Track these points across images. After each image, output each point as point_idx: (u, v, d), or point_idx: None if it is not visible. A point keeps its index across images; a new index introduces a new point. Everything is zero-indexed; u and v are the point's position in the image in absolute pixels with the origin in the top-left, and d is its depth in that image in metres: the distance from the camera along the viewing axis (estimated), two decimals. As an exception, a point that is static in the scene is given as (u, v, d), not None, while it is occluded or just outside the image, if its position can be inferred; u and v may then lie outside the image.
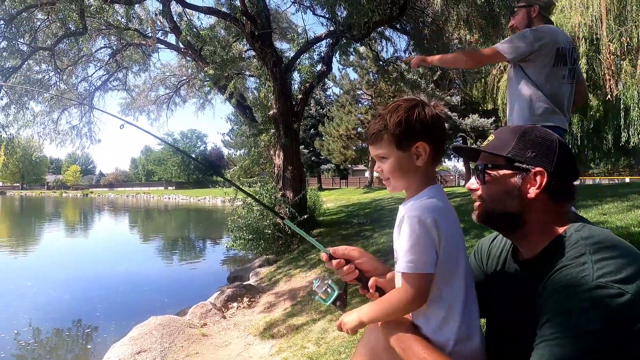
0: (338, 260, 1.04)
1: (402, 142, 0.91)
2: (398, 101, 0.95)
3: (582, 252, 0.78)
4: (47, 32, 7.43)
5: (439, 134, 0.93)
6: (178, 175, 61.22)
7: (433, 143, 0.92)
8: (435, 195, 0.93)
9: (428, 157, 0.92)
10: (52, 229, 16.28)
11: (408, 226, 0.88)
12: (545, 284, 0.80)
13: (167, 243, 11.82)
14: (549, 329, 0.74)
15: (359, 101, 24.89)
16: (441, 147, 0.95)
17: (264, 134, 7.36)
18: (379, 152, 0.95)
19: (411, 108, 0.92)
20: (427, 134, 0.91)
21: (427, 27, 7.52)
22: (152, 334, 3.20)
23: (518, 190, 0.88)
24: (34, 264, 8.59)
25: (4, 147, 9.31)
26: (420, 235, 0.86)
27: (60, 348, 4.11)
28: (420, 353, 0.86)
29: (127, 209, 27.67)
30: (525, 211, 0.89)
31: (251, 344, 3.11)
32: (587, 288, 0.72)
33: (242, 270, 6.40)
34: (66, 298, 5.62)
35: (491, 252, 1.08)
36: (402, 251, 0.89)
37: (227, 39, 8.32)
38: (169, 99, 11.73)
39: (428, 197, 0.91)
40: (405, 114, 0.91)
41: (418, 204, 0.91)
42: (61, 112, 10.04)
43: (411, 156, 0.92)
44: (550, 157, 0.87)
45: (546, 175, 0.86)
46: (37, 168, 69.71)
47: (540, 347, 0.74)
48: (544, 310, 0.76)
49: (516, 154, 0.89)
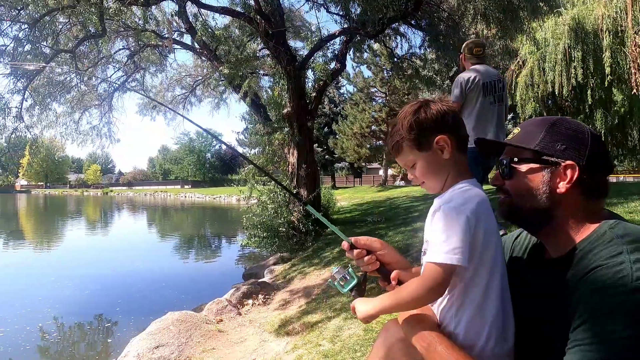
0: (359, 250, 1.03)
1: (421, 143, 0.93)
2: (403, 109, 0.98)
3: (619, 251, 0.73)
4: (68, 35, 7.65)
5: (453, 123, 0.94)
6: (194, 174, 62.26)
7: (451, 133, 0.92)
8: (473, 185, 0.92)
9: (452, 148, 0.92)
10: (74, 227, 16.81)
11: (444, 216, 0.85)
12: (578, 284, 0.75)
13: (184, 241, 12.03)
14: (582, 333, 0.70)
15: (373, 99, 24.72)
16: (461, 135, 0.95)
17: (278, 133, 7.40)
18: (406, 160, 0.98)
19: (417, 110, 0.94)
20: (441, 127, 0.92)
21: (443, 22, 7.38)
22: (169, 329, 3.25)
23: (547, 185, 0.84)
24: (57, 260, 8.89)
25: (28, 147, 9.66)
26: (457, 226, 0.83)
27: (83, 341, 4.24)
28: (443, 352, 0.82)
29: (145, 207, 28.30)
30: (554, 207, 0.84)
31: (266, 340, 3.13)
32: (626, 290, 0.67)
33: (257, 267, 6.45)
34: (87, 293, 5.79)
35: (514, 249, 1.04)
36: (436, 241, 0.85)
37: (241, 38, 8.39)
38: (185, 98, 11.92)
39: (465, 188, 0.90)
40: (414, 117, 0.93)
41: (455, 193, 0.90)
42: (82, 112, 10.33)
43: (435, 152, 0.93)
44: (582, 150, 0.82)
45: (577, 169, 0.81)
46: (60, 167, 72.04)
47: (573, 352, 0.70)
48: (577, 313, 0.72)
49: (544, 146, 0.85)
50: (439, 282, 0.84)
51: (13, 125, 7.96)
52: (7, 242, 11.87)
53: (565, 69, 9.99)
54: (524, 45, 10.46)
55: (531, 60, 10.77)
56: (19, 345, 3.90)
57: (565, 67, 9.97)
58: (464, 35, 7.46)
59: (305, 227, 6.52)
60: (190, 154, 62.35)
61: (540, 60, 10.52)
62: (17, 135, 8.37)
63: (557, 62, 9.99)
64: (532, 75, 10.89)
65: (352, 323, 2.92)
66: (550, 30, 9.91)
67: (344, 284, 1.02)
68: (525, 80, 11.03)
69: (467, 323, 0.87)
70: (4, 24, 6.64)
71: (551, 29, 9.90)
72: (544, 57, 10.31)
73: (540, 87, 10.81)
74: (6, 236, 13.41)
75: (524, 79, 11.07)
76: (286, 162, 7.68)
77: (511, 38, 7.37)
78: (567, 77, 10.02)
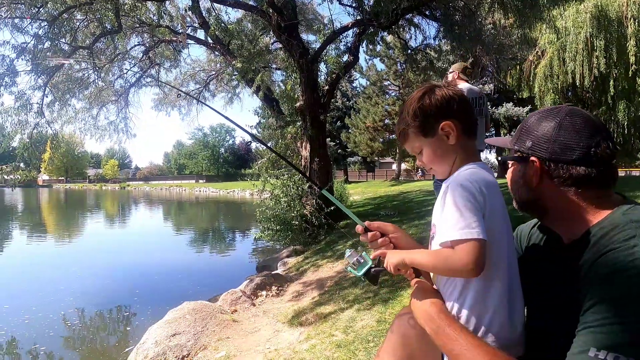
0: (373, 232, 1.03)
1: (426, 130, 0.94)
2: (410, 95, 0.98)
3: (632, 235, 0.72)
4: (85, 31, 7.81)
5: (459, 108, 0.93)
6: (208, 168, 63.08)
7: (456, 118, 0.92)
8: (480, 167, 0.92)
9: (458, 133, 0.92)
10: (94, 220, 17.31)
11: (453, 194, 0.85)
12: (590, 268, 0.74)
13: (199, 234, 12.24)
14: (593, 315, 0.70)
15: (386, 92, 24.45)
16: (467, 120, 0.95)
17: (291, 126, 7.41)
18: (413, 147, 0.99)
19: (421, 97, 0.94)
20: (445, 112, 0.92)
21: (459, 12, 7.21)
22: (185, 318, 3.33)
23: (522, 178, 0.91)
24: (78, 251, 9.18)
25: (49, 143, 9.95)
26: (466, 203, 0.83)
27: (103, 329, 4.39)
28: (452, 334, 0.83)
29: (161, 201, 28.87)
30: (540, 198, 0.89)
31: (280, 330, 3.17)
32: (638, 273, 0.67)
33: (271, 260, 6.52)
34: (107, 283, 5.97)
35: (532, 237, 1.04)
36: (451, 221, 0.83)
37: (254, 32, 8.40)
38: (199, 93, 12.03)
39: (472, 169, 0.91)
40: (418, 103, 0.94)
41: (462, 173, 0.90)
42: (100, 108, 10.56)
43: (441, 138, 0.93)
44: (546, 145, 0.86)
45: (539, 163, 0.86)
46: (79, 162, 74.03)
47: (583, 334, 0.70)
48: (588, 296, 0.72)
49: (518, 144, 0.92)
50: (477, 258, 0.80)
51: (34, 120, 8.21)
52: (32, 234, 12.32)
53: (586, 59, 9.66)
54: (543, 34, 10.14)
55: (551, 50, 10.45)
56: (44, 332, 4.07)
57: (586, 57, 9.64)
58: (481, 25, 7.28)
59: (317, 220, 6.54)
60: (205, 149, 63.16)
61: (560, 50, 10.19)
62: (38, 131, 8.63)
63: (578, 51, 9.66)
64: (551, 66, 10.57)
65: (365, 314, 2.93)
66: (572, 19, 9.57)
67: (357, 267, 1.01)
68: (545, 71, 10.71)
69: (469, 307, 0.87)
70: (25, 21, 6.83)
71: (572, 17, 9.57)
72: (564, 46, 9.99)
73: (560, 78, 10.48)
74: (31, 228, 13.92)
75: (543, 70, 10.75)
76: (299, 155, 7.70)
77: (530, 27, 7.15)
78: (589, 67, 9.69)
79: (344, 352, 2.41)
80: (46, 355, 3.62)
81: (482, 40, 7.24)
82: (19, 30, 6.80)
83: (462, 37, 7.03)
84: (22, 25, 6.82)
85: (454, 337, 0.82)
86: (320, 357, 2.44)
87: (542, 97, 11.19)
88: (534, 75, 11.23)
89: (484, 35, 7.33)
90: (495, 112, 18.29)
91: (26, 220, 17.38)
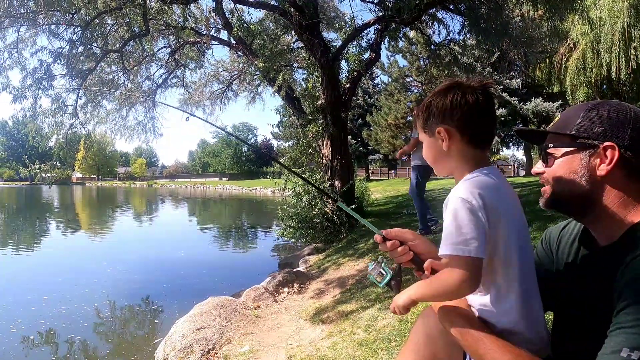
0: (392, 241, 1.03)
1: (427, 126, 0.95)
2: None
3: None
4: (115, 35, 8.13)
5: (465, 119, 0.89)
6: (231, 166, 64.35)
7: (456, 128, 0.90)
8: (485, 172, 0.89)
9: (454, 141, 0.90)
10: (124, 216, 18.05)
11: (452, 207, 0.84)
12: (626, 269, 0.72)
13: (223, 230, 12.52)
14: (626, 316, 0.68)
15: (409, 89, 24.08)
16: (473, 131, 0.90)
17: (312, 125, 7.43)
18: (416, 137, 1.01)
19: (436, 93, 0.93)
20: (445, 119, 0.90)
21: (484, 5, 6.99)
22: (211, 312, 3.43)
23: (585, 168, 0.82)
24: (110, 246, 9.61)
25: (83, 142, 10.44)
26: (465, 217, 0.81)
27: (133, 321, 4.58)
28: (475, 334, 0.83)
29: (187, 199, 29.69)
30: (596, 191, 0.81)
31: (302, 327, 3.20)
32: None
33: (292, 257, 6.58)
34: (136, 277, 6.21)
35: (562, 240, 1.00)
36: (446, 233, 0.84)
37: (275, 31, 8.47)
38: (222, 93, 12.29)
39: (472, 177, 0.88)
40: (431, 98, 0.93)
41: (463, 184, 0.88)
42: (129, 109, 10.98)
43: (437, 140, 0.93)
44: (624, 130, 0.78)
45: (617, 149, 0.78)
46: (110, 161, 77.32)
47: (615, 334, 0.68)
48: (623, 297, 0.70)
49: (581, 130, 0.83)
50: (469, 274, 0.81)
51: (69, 122, 8.63)
52: (67, 229, 13.00)
53: (623, 50, 9.14)
54: (576, 25, 9.67)
55: (584, 42, 9.95)
56: (78, 322, 4.29)
57: (623, 48, 9.12)
58: (508, 17, 7.03)
59: (339, 218, 6.55)
60: (228, 148, 64.48)
61: (594, 42, 9.69)
62: (72, 131, 9.06)
63: (614, 42, 9.16)
64: (584, 59, 10.07)
65: (386, 314, 2.92)
66: (607, 8, 9.08)
67: (380, 279, 1.05)
68: (577, 64, 10.23)
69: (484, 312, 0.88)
70: (60, 27, 7.19)
71: (607, 7, 9.07)
72: (598, 38, 9.49)
73: (594, 71, 9.98)
74: (67, 223, 14.68)
75: (575, 63, 10.27)
76: (320, 154, 7.71)
77: (561, 18, 6.83)
78: (626, 59, 9.16)
79: (365, 351, 2.41)
80: (81, 345, 3.82)
81: (510, 33, 6.99)
82: (55, 36, 7.17)
83: (488, 31, 6.80)
84: (57, 31, 7.19)
85: (478, 337, 0.82)
86: (342, 354, 2.46)
87: (574, 92, 10.69)
88: (565, 69, 10.75)
89: (511, 28, 7.08)
90: (523, 108, 17.65)
91: (63, 215, 18.34)
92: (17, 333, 4.00)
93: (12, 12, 6.49)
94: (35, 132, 8.57)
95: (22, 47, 7.23)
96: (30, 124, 8.49)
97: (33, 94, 7.45)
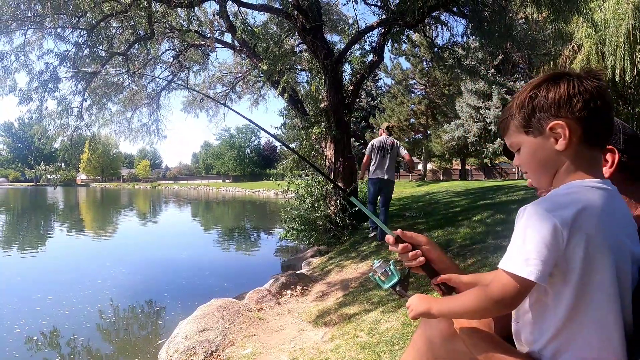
0: (405, 244, 0.98)
1: (530, 125, 0.78)
2: (529, 81, 0.83)
3: None
4: (120, 38, 8.21)
5: (586, 108, 0.74)
6: (234, 168, 64.49)
7: (578, 120, 0.74)
8: (589, 187, 0.73)
9: (574, 139, 0.74)
10: (127, 217, 18.13)
11: (527, 218, 0.72)
12: None
13: (226, 232, 12.54)
14: None
15: (412, 91, 24.08)
16: (595, 125, 0.75)
17: (316, 127, 7.44)
18: (511, 143, 0.84)
19: (538, 85, 0.78)
20: (563, 111, 0.74)
21: (488, 8, 6.99)
22: (214, 314, 3.43)
23: None
24: (113, 246, 9.65)
25: (88, 144, 10.52)
26: (538, 233, 0.69)
27: (136, 322, 4.59)
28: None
29: (190, 200, 29.79)
30: None
31: (304, 330, 3.20)
32: None
33: (295, 259, 6.58)
34: (139, 278, 6.23)
35: None
36: (512, 246, 0.74)
37: (279, 34, 8.52)
38: (226, 95, 12.35)
39: (573, 188, 0.74)
40: (532, 91, 0.78)
41: (554, 193, 0.75)
42: (133, 111, 11.06)
43: (547, 140, 0.76)
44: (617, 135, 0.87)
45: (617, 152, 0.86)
46: (114, 163, 77.77)
47: None
48: None
49: None
50: (510, 294, 0.73)
51: (75, 124, 8.71)
52: (72, 230, 13.07)
53: (628, 53, 9.09)
54: (580, 28, 9.64)
55: (588, 44, 9.91)
56: (82, 322, 4.31)
57: (628, 51, 9.07)
58: (512, 20, 7.01)
59: (342, 220, 6.54)
60: (231, 149, 64.67)
61: (598, 44, 9.65)
62: (78, 133, 9.15)
63: (618, 45, 9.11)
64: (588, 61, 10.03)
65: (389, 316, 2.91)
66: (611, 10, 9.04)
67: (385, 279, 0.99)
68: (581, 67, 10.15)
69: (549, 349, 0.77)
70: (66, 31, 7.26)
71: (612, 9, 9.04)
72: (603, 40, 9.45)
73: (598, 74, 9.92)
74: (71, 224, 14.76)
75: (580, 65, 10.21)
76: (323, 156, 7.72)
77: (565, 21, 6.81)
78: (631, 62, 9.11)
79: (368, 354, 2.40)
80: (84, 346, 3.83)
81: (513, 36, 6.98)
82: (61, 39, 7.25)
83: (492, 34, 6.80)
84: (63, 35, 7.26)
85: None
86: (344, 357, 2.45)
87: (579, 94, 10.64)
88: (569, 71, 10.71)
89: (515, 31, 7.06)
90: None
91: (68, 216, 18.45)
92: (21, 333, 4.03)
93: (20, 16, 6.57)
94: (40, 134, 8.65)
95: (29, 50, 7.32)
96: (36, 126, 8.57)
97: (39, 96, 7.53)
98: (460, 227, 5.23)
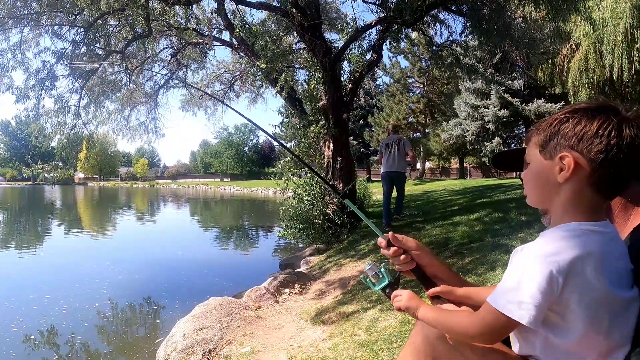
0: (396, 248, 1.00)
1: (546, 146, 0.76)
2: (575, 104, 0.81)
3: None
4: (118, 36, 8.16)
5: (607, 155, 0.69)
6: (233, 167, 64.37)
7: (589, 161, 0.71)
8: (595, 229, 0.72)
9: (577, 177, 0.72)
10: (125, 216, 18.09)
11: (526, 262, 0.72)
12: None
13: (224, 231, 12.53)
14: None
15: (410, 90, 24.10)
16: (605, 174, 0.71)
17: (314, 125, 7.43)
18: (527, 153, 0.83)
19: (578, 110, 0.74)
20: (579, 145, 0.71)
21: (486, 7, 6.98)
22: (212, 313, 3.43)
23: None
24: (112, 245, 9.63)
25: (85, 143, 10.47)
26: (534, 278, 0.69)
27: (134, 321, 4.59)
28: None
29: (188, 199, 29.74)
30: None
31: (303, 328, 3.20)
32: None
33: (293, 258, 6.58)
34: (137, 277, 6.23)
35: None
36: (505, 284, 0.74)
37: (277, 32, 8.49)
38: (224, 94, 12.29)
39: (572, 232, 0.72)
40: (566, 114, 0.75)
41: (552, 236, 0.73)
42: (131, 109, 11.00)
43: (553, 167, 0.75)
44: None
45: None
46: (112, 161, 77.51)
47: None
48: None
49: None
50: (494, 330, 0.75)
51: (72, 122, 8.67)
52: (70, 228, 13.03)
53: (626, 52, 9.11)
54: (578, 27, 9.66)
55: (586, 43, 9.93)
56: (79, 321, 4.30)
57: (626, 50, 9.09)
58: (510, 18, 7.02)
59: (340, 219, 6.55)
60: (229, 148, 64.53)
61: (596, 43, 9.68)
62: (75, 132, 9.10)
63: (616, 43, 9.13)
64: (586, 60, 10.06)
65: (387, 315, 2.91)
66: (609, 9, 9.06)
67: (375, 281, 1.00)
68: (579, 65, 10.20)
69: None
70: (63, 28, 7.22)
71: (610, 8, 9.05)
72: (601, 39, 9.47)
73: (597, 72, 9.96)
74: (69, 223, 14.72)
75: (578, 64, 10.25)
76: (322, 154, 7.71)
77: (563, 19, 6.82)
78: (629, 60, 9.14)
79: (366, 352, 2.41)
80: (82, 344, 3.83)
81: (512, 34, 6.98)
82: (58, 37, 7.20)
83: (490, 32, 6.80)
84: (60, 32, 7.22)
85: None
86: (342, 355, 2.45)
87: (577, 93, 10.66)
88: (567, 70, 10.72)
89: (513, 29, 7.06)
90: (525, 109, 17.62)
91: (65, 215, 18.39)
92: (19, 332, 4.01)
93: (16, 13, 6.52)
94: (38, 133, 8.60)
95: (26, 48, 7.27)
96: (33, 124, 8.52)
97: (36, 94, 7.49)
98: (458, 225, 5.24)
